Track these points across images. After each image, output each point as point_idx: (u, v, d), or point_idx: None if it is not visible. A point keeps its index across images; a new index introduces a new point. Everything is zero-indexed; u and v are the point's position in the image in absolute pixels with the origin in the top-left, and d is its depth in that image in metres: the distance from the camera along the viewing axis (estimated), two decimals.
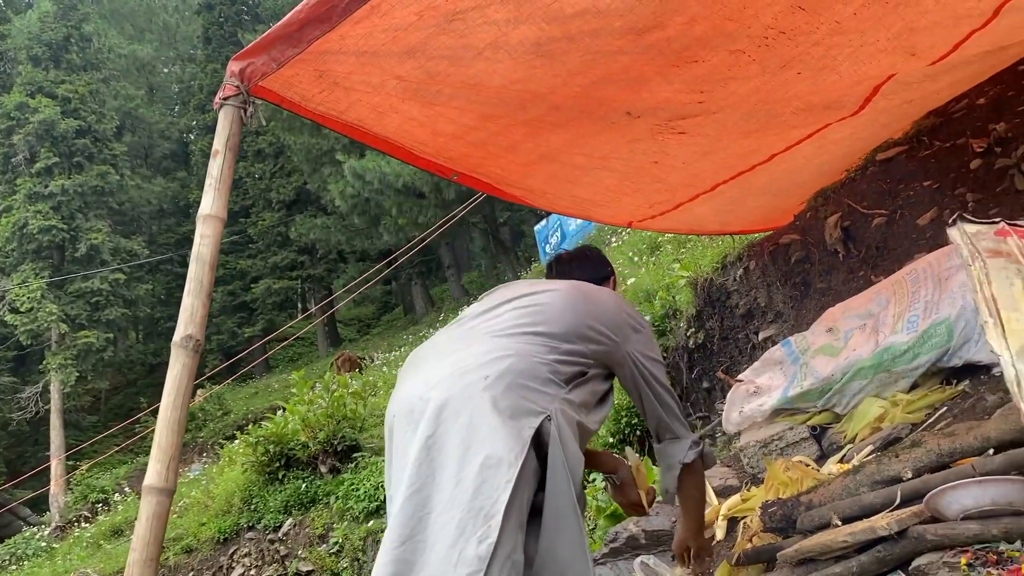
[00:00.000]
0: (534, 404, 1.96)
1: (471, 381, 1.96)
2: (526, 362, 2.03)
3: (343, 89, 2.93)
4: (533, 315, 2.19)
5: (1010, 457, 1.93)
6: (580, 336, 2.17)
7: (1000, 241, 1.61)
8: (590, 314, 2.26)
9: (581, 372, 2.15)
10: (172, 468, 2.32)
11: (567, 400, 2.05)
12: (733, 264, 5.35)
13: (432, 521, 1.83)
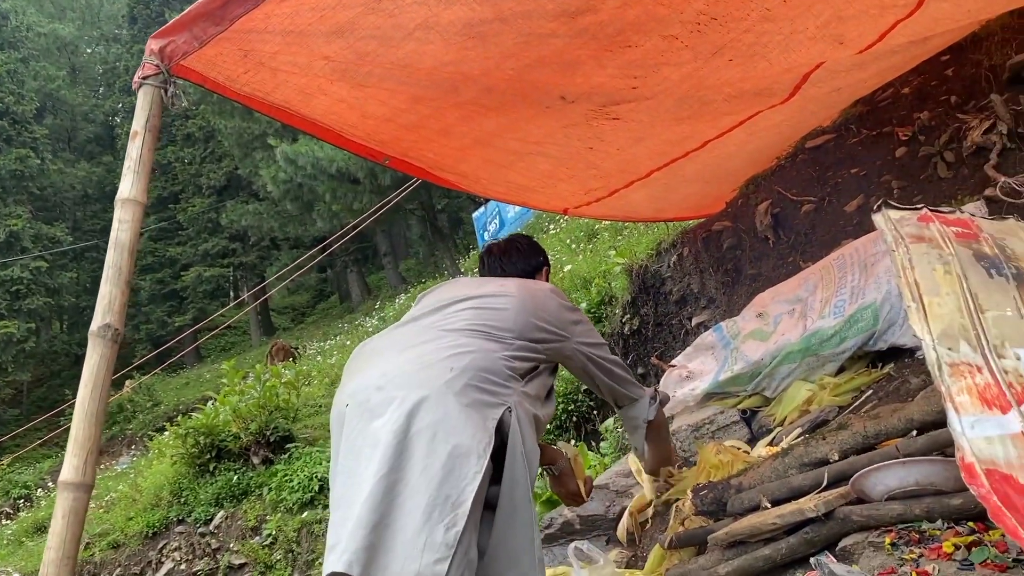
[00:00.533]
0: (495, 397, 2.02)
1: (437, 373, 2.01)
2: (487, 358, 2.10)
3: (269, 70, 2.84)
4: (488, 315, 2.27)
5: (932, 438, 1.97)
6: (531, 334, 2.27)
7: (923, 227, 1.63)
8: (538, 315, 2.35)
9: (534, 367, 2.25)
10: (90, 462, 2.23)
11: (524, 393, 2.13)
12: (667, 251, 5.39)
13: (399, 506, 1.84)
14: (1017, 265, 1.52)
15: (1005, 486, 1.01)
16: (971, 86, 3.73)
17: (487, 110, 3.11)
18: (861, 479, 1.92)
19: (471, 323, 2.23)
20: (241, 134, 26.73)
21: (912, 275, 1.42)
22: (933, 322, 1.31)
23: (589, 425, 5.79)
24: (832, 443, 2.22)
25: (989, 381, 1.20)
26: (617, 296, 5.91)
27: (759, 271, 4.44)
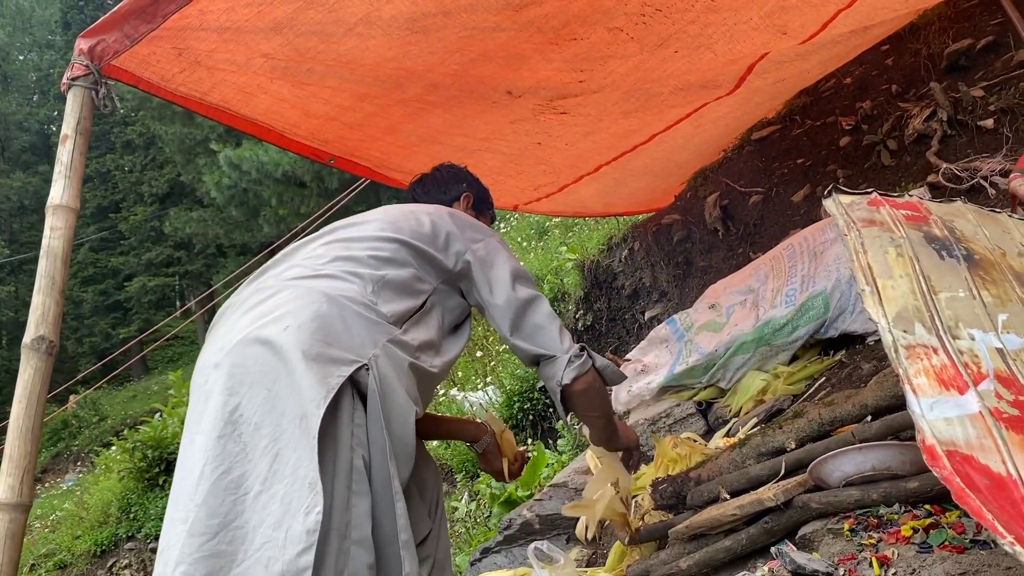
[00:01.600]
0: (346, 352, 1.69)
1: (268, 336, 1.69)
2: (336, 305, 1.75)
3: (205, 68, 2.75)
4: (347, 248, 1.93)
5: (886, 423, 1.98)
6: (405, 263, 1.92)
7: (873, 211, 1.63)
8: (415, 234, 1.98)
9: (416, 306, 1.88)
10: (27, 481, 2.15)
11: (398, 342, 1.78)
12: (618, 245, 5.40)
13: (251, 503, 1.58)
14: (967, 246, 1.53)
15: (966, 467, 1.00)
16: (911, 75, 3.80)
17: (433, 106, 3.07)
18: (818, 466, 1.91)
19: (325, 262, 1.89)
20: (183, 140, 26.15)
21: (865, 259, 1.41)
22: (887, 305, 1.30)
23: (546, 423, 5.76)
24: (788, 432, 2.21)
25: (945, 362, 1.20)
26: (570, 292, 5.89)
27: (710, 263, 4.46)
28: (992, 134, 3.22)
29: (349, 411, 1.65)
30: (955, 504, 1.75)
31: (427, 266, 1.96)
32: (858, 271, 1.39)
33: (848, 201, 1.65)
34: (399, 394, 1.71)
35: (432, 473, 2.25)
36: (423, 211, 2.08)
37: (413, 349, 1.81)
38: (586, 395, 2.01)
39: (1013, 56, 3.38)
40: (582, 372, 1.96)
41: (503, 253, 2.09)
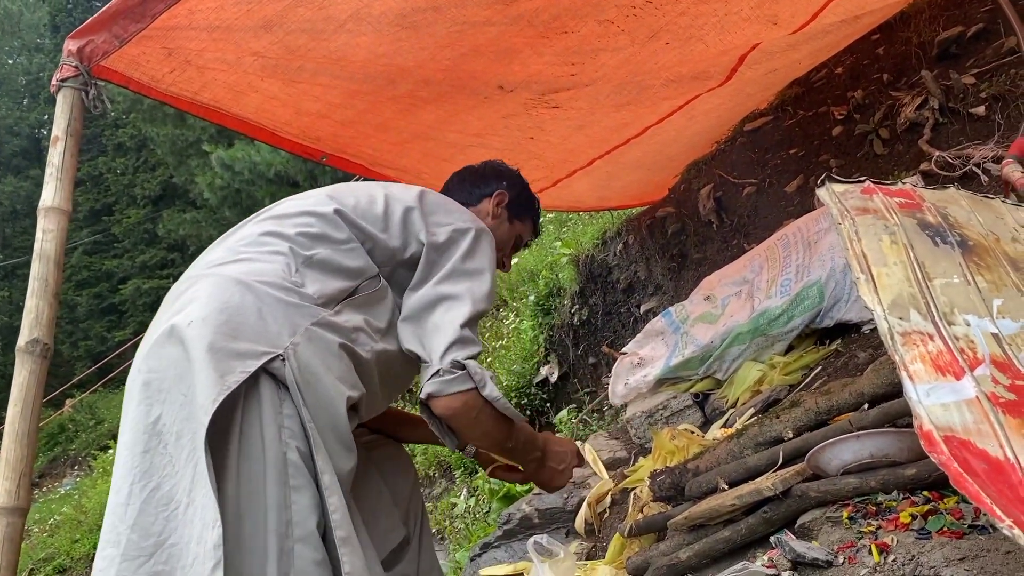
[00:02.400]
0: (256, 343, 1.54)
1: (178, 334, 1.56)
2: (249, 292, 1.60)
3: (196, 68, 2.75)
4: (277, 224, 1.78)
5: (883, 410, 1.98)
6: (341, 240, 1.75)
7: (867, 199, 1.63)
8: (359, 210, 1.81)
9: (351, 287, 1.73)
10: (24, 485, 2.15)
11: (327, 324, 1.62)
12: (613, 239, 5.39)
13: (181, 518, 1.47)
14: (961, 232, 1.53)
15: (964, 452, 1.00)
16: (902, 63, 3.80)
17: (425, 102, 3.06)
18: (816, 455, 1.92)
19: (243, 248, 1.74)
20: (174, 141, 26.07)
21: (859, 247, 1.41)
22: (883, 292, 1.30)
23: (543, 418, 5.77)
24: (785, 421, 2.21)
25: (941, 348, 1.20)
26: (565, 287, 5.89)
27: (704, 255, 4.46)
28: (984, 121, 3.23)
29: (274, 403, 1.53)
30: (953, 490, 1.76)
31: (370, 245, 1.79)
32: (852, 259, 1.39)
33: (841, 190, 1.65)
34: (325, 382, 1.57)
35: (408, 480, 2.17)
36: (383, 188, 1.91)
37: (347, 331, 1.65)
38: (456, 420, 1.74)
39: (1003, 43, 3.38)
40: (445, 391, 1.67)
41: (470, 246, 1.85)
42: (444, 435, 1.84)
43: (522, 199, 2.27)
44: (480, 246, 1.87)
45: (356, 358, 1.66)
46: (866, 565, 1.61)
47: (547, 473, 2.06)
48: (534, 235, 2.39)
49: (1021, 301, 1.38)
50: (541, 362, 5.92)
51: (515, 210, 2.23)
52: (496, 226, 2.15)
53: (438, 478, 6.43)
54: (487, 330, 8.34)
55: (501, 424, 1.81)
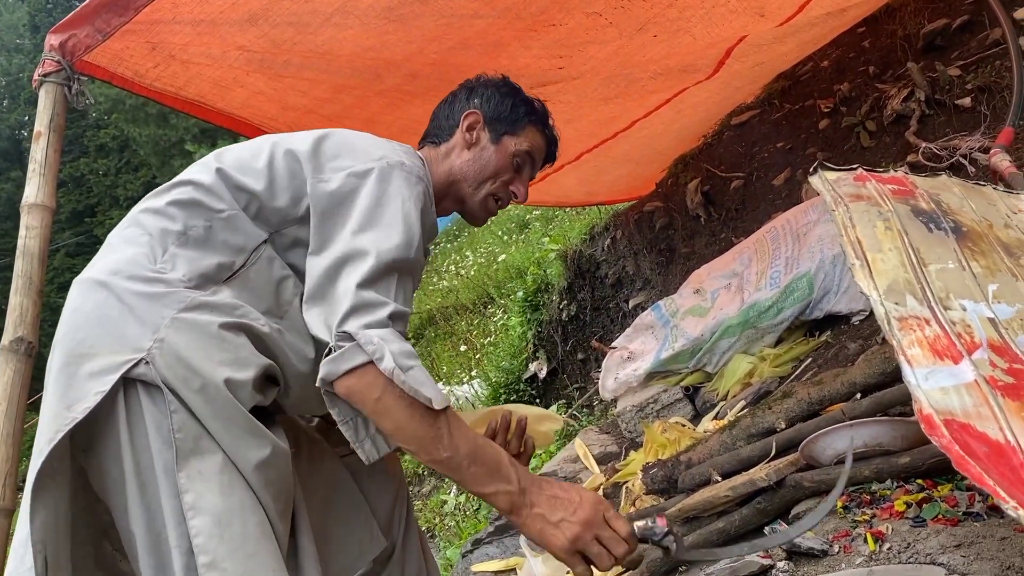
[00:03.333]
0: (113, 354, 1.36)
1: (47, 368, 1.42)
2: (104, 292, 1.42)
3: (180, 62, 2.71)
4: (155, 198, 1.57)
5: (876, 399, 1.98)
6: (219, 208, 1.52)
7: (860, 186, 1.62)
8: (241, 166, 1.56)
9: (235, 263, 1.50)
10: (10, 485, 2.11)
11: (201, 306, 1.41)
12: (601, 235, 5.39)
13: None
14: (954, 219, 1.53)
15: (964, 435, 0.99)
16: (888, 56, 3.80)
17: (412, 96, 3.03)
18: (810, 445, 1.92)
19: (118, 233, 1.55)
20: (157, 142, 25.99)
21: (854, 233, 1.40)
22: (878, 278, 1.29)
23: None
24: (778, 412, 2.21)
25: (938, 333, 1.19)
26: (553, 283, 5.88)
27: (692, 249, 4.46)
28: (970, 112, 3.24)
29: (152, 413, 1.36)
30: (947, 478, 1.77)
31: (256, 206, 1.54)
32: (847, 245, 1.38)
33: (834, 177, 1.65)
34: (203, 371, 1.36)
35: (392, 485, 1.96)
36: (274, 138, 1.64)
37: (230, 308, 1.44)
38: (366, 411, 1.39)
39: (988, 34, 3.39)
40: (335, 372, 1.35)
41: (373, 189, 1.51)
42: (361, 437, 1.46)
43: (507, 110, 1.87)
44: (387, 186, 1.53)
45: (253, 335, 1.44)
46: (862, 554, 1.61)
47: (534, 522, 1.43)
48: (548, 145, 1.97)
49: (1016, 286, 1.38)
50: (530, 358, 5.91)
51: (500, 127, 1.86)
52: (476, 156, 1.85)
53: (426, 476, 6.41)
54: (473, 328, 8.32)
55: (419, 416, 1.37)
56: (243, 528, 1.32)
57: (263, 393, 1.45)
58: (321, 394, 1.48)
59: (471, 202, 1.90)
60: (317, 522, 1.68)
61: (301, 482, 1.61)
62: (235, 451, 1.36)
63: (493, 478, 1.43)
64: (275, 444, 1.42)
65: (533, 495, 1.44)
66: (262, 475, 1.38)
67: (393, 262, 1.43)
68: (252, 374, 1.39)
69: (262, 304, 1.50)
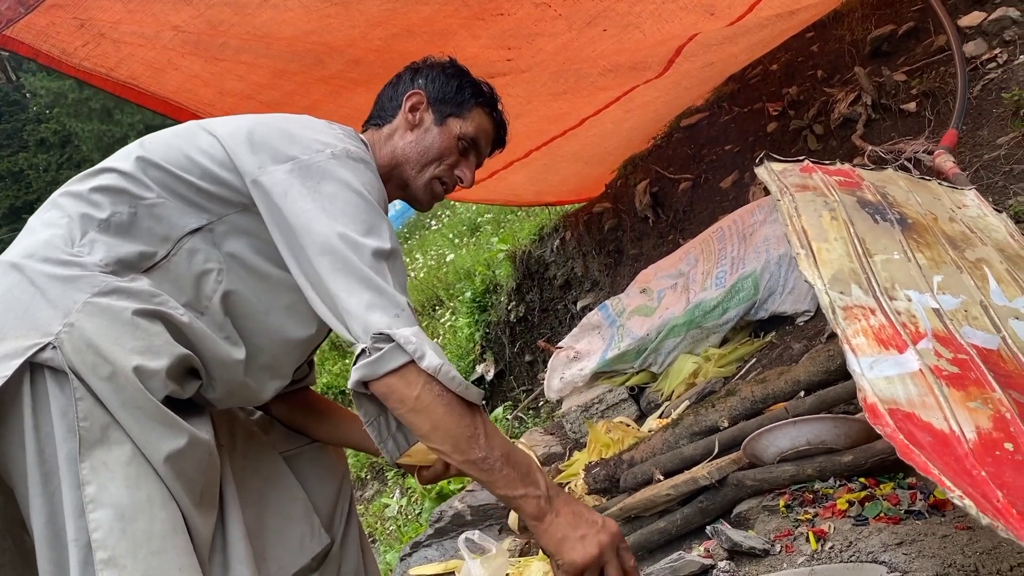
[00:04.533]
0: (20, 338, 1.30)
1: None
2: (16, 274, 1.37)
3: (111, 41, 2.59)
4: (79, 182, 1.51)
5: (819, 397, 1.96)
6: (143, 196, 1.45)
7: (806, 177, 1.59)
8: (171, 155, 1.48)
9: (157, 252, 1.44)
10: None
11: (117, 291, 1.35)
12: (550, 236, 5.35)
13: None
14: (900, 211, 1.50)
15: (909, 424, 0.95)
16: (835, 61, 3.83)
17: (356, 84, 2.95)
18: (753, 442, 1.88)
19: (37, 215, 1.50)
20: (101, 137, 25.33)
21: (799, 222, 1.37)
22: (823, 267, 1.26)
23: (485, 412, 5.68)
24: (721, 410, 2.18)
25: (883, 322, 1.16)
26: (502, 284, 5.83)
27: (641, 251, 4.44)
28: (915, 117, 3.26)
29: (59, 399, 1.30)
30: (890, 476, 1.74)
31: (187, 196, 1.47)
32: (792, 235, 1.34)
33: (780, 168, 1.61)
34: (113, 357, 1.30)
35: (335, 482, 1.91)
36: (206, 124, 1.57)
37: (147, 296, 1.38)
38: (395, 411, 1.38)
39: (933, 41, 3.43)
40: (378, 371, 1.33)
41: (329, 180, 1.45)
42: (384, 436, 1.48)
43: (452, 91, 1.79)
44: (340, 177, 1.47)
45: (170, 323, 1.38)
46: (803, 553, 1.58)
47: (556, 530, 1.41)
48: (496, 129, 1.91)
49: (960, 278, 1.35)
50: (477, 360, 5.84)
51: (445, 108, 1.78)
52: (419, 137, 1.77)
53: (370, 480, 6.29)
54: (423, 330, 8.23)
55: (457, 414, 1.36)
56: (149, 524, 1.25)
57: (180, 384, 1.39)
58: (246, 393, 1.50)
59: (414, 185, 1.83)
60: (253, 517, 1.63)
61: (235, 476, 1.58)
62: (145, 442, 1.29)
63: (524, 482, 1.41)
64: (192, 435, 1.35)
65: (559, 505, 1.43)
66: (175, 467, 1.31)
67: (377, 252, 1.40)
68: (165, 363, 1.33)
69: (183, 297, 1.45)
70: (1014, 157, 2.69)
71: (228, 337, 1.49)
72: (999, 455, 0.94)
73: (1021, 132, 2.74)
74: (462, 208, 11.43)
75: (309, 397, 1.98)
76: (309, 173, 1.45)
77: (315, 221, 1.39)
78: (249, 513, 1.61)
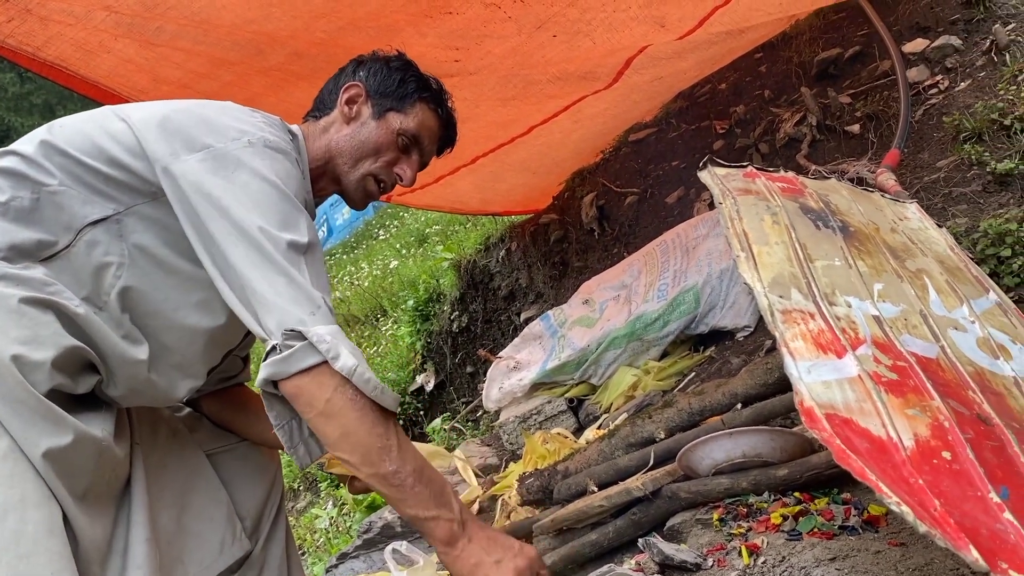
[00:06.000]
0: None
1: None
2: None
3: (38, 19, 2.47)
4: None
5: (756, 410, 1.93)
6: (51, 184, 1.38)
7: (749, 182, 1.57)
8: (78, 142, 1.41)
9: (55, 241, 1.37)
10: None
11: (9, 277, 1.29)
12: (496, 246, 5.30)
13: None
14: (842, 219, 1.48)
15: (846, 429, 0.91)
16: (783, 81, 3.86)
17: (298, 78, 2.86)
18: (688, 454, 1.84)
19: None
20: None
21: (740, 225, 1.33)
22: (763, 270, 1.22)
23: (417, 428, 5.58)
24: (658, 421, 2.14)
25: (823, 327, 1.12)
26: (445, 293, 5.75)
27: (586, 263, 4.41)
28: (858, 139, 3.30)
29: None
30: (824, 491, 1.72)
31: (93, 184, 1.40)
32: (733, 237, 1.31)
33: (724, 172, 1.58)
34: None
35: (263, 486, 1.84)
36: (120, 109, 1.49)
37: (38, 284, 1.30)
38: (303, 412, 1.31)
39: (878, 66, 3.48)
40: (287, 370, 1.26)
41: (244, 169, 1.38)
42: (295, 441, 1.40)
43: (394, 85, 1.73)
44: (255, 166, 1.40)
45: (63, 314, 1.31)
46: (736, 567, 1.54)
47: (469, 556, 1.36)
48: (443, 128, 1.84)
49: (901, 287, 1.33)
50: (417, 370, 5.74)
51: (385, 102, 1.72)
52: (355, 131, 1.72)
53: (303, 491, 6.13)
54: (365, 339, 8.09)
55: (370, 421, 1.30)
56: (19, 524, 1.16)
57: (72, 378, 1.31)
58: (154, 391, 1.43)
59: (346, 181, 1.78)
60: (172, 519, 1.57)
61: (153, 475, 1.51)
62: (24, 437, 1.21)
63: (436, 502, 1.36)
64: (78, 432, 1.26)
65: (472, 530, 1.38)
66: (56, 465, 1.22)
67: (291, 244, 1.34)
68: (51, 354, 1.25)
69: (82, 290, 1.38)
70: (953, 180, 2.73)
71: (127, 335, 1.41)
72: (936, 463, 0.91)
73: (960, 156, 2.78)
74: (410, 218, 11.35)
75: (242, 394, 1.89)
76: (224, 162, 1.38)
77: (228, 211, 1.33)
78: (168, 515, 1.55)
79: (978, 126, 2.81)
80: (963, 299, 1.40)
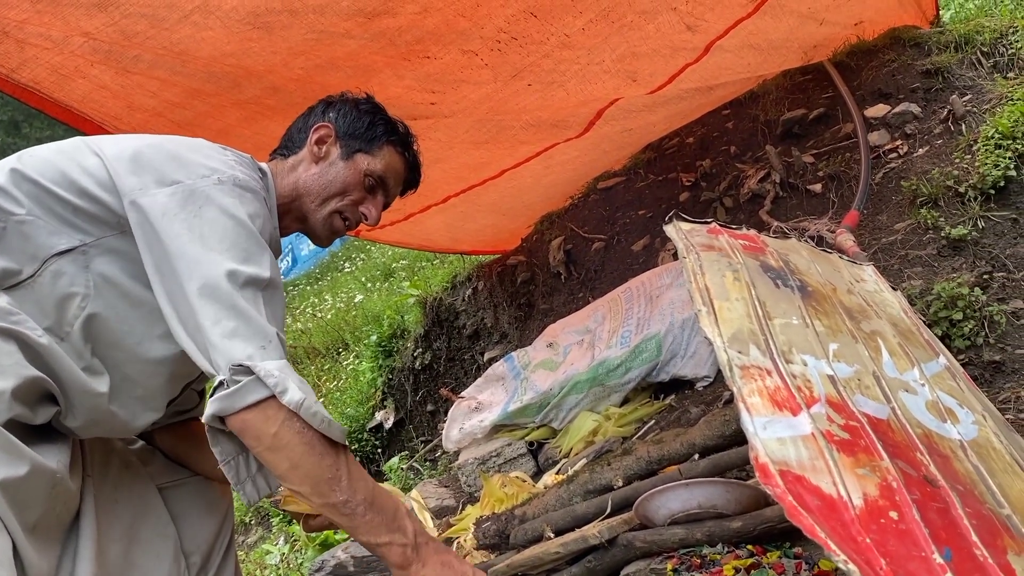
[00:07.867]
0: None
1: None
2: None
3: (15, 41, 2.48)
4: None
5: (713, 461, 1.95)
6: (18, 213, 1.38)
7: (712, 238, 1.61)
8: (48, 172, 1.42)
9: (21, 270, 1.37)
10: None
11: None
12: (462, 284, 5.31)
13: None
14: (801, 278, 1.53)
15: (799, 487, 0.94)
16: (748, 139, 3.96)
17: (273, 112, 2.88)
18: (644, 503, 1.85)
19: None
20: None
21: (703, 280, 1.37)
22: (723, 325, 1.26)
23: (374, 466, 5.53)
24: (616, 468, 2.15)
25: (779, 384, 1.16)
26: (410, 329, 5.74)
27: (551, 306, 4.44)
28: (820, 198, 3.39)
29: None
30: (776, 544, 1.74)
31: (63, 215, 1.40)
32: (695, 292, 1.34)
33: (688, 228, 1.63)
34: None
35: (214, 521, 1.82)
36: (92, 141, 1.51)
37: (2, 314, 1.30)
38: (252, 446, 1.31)
39: (841, 128, 3.59)
40: (234, 406, 1.27)
41: (207, 204, 1.38)
42: (242, 477, 1.41)
43: (363, 127, 1.80)
44: (223, 204, 1.42)
45: (24, 344, 1.30)
46: None
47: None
48: (408, 170, 1.90)
49: (855, 348, 1.37)
50: (377, 407, 5.69)
51: (354, 144, 1.78)
52: (323, 171, 1.75)
53: (254, 526, 6.02)
54: (325, 373, 8.01)
55: (318, 453, 1.31)
56: None
57: (31, 408, 1.31)
58: (114, 423, 1.43)
59: (313, 219, 1.82)
60: (120, 553, 1.55)
61: (103, 508, 1.51)
62: None
63: (389, 528, 1.40)
64: (34, 463, 1.26)
65: (426, 554, 1.43)
66: (8, 495, 1.21)
67: (251, 280, 1.36)
68: (11, 384, 1.25)
69: (45, 320, 1.38)
70: (909, 243, 2.81)
71: (88, 367, 1.41)
72: (884, 523, 0.94)
73: (917, 220, 2.87)
74: (377, 252, 11.32)
75: (196, 429, 1.88)
76: (192, 198, 1.40)
77: (190, 245, 1.35)
78: (116, 549, 1.54)
79: (934, 192, 2.91)
80: (914, 362, 1.45)
